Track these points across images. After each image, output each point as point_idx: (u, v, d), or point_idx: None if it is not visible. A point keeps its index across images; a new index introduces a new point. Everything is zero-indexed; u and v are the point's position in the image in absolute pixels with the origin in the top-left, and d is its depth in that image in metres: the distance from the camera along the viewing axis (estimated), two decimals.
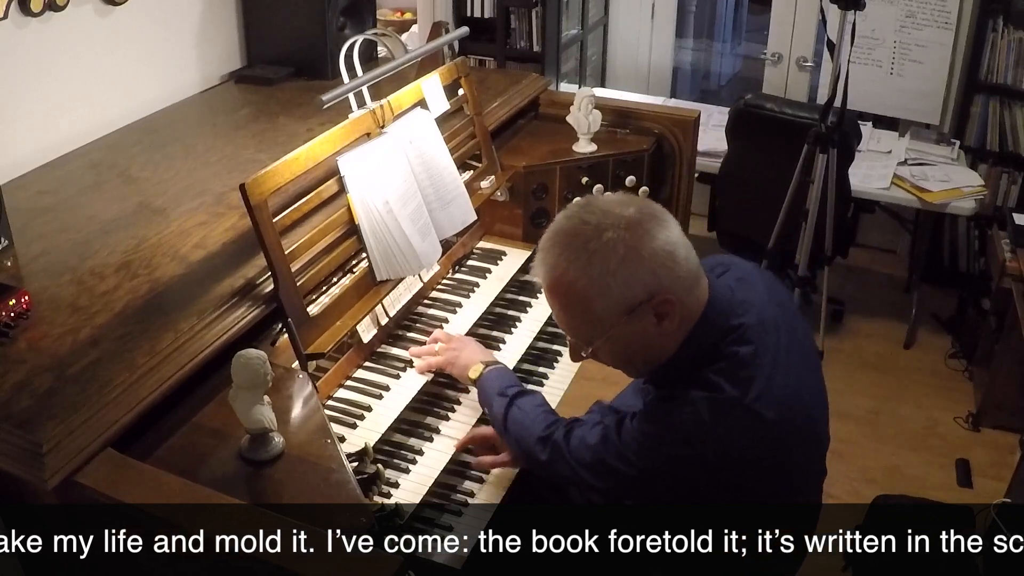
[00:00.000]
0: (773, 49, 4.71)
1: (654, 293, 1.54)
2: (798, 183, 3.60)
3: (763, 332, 1.63)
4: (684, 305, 1.58)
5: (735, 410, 1.57)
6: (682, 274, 1.57)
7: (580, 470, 1.73)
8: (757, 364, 1.59)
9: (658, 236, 1.55)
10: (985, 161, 4.31)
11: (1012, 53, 4.12)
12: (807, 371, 1.72)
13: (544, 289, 1.61)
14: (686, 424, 1.58)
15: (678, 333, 1.61)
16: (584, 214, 1.57)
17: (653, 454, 1.63)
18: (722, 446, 1.58)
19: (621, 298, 1.54)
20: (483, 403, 1.99)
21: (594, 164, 2.58)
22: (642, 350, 1.63)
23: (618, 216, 1.54)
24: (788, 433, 1.62)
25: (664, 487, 1.66)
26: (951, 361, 4.07)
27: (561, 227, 1.58)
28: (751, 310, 1.64)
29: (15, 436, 1.44)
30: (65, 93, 2.50)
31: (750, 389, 1.57)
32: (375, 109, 2.17)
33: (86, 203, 2.18)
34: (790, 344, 1.67)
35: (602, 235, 1.53)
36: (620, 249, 1.52)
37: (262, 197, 1.81)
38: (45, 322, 1.71)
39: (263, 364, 1.55)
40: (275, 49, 3.06)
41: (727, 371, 1.58)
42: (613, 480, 1.69)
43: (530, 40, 4.69)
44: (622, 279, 1.53)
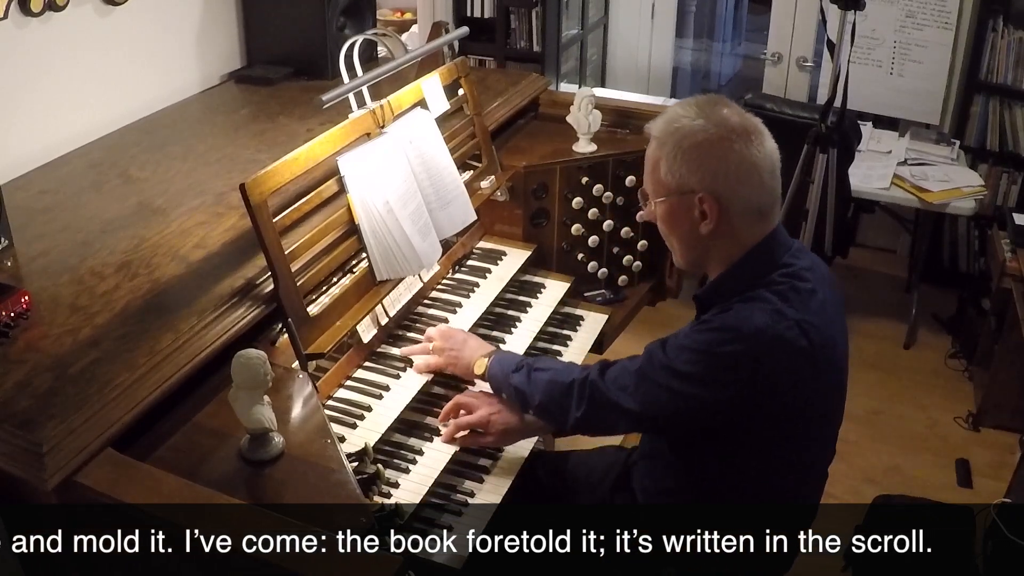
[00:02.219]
0: (773, 49, 4.71)
1: (705, 188, 1.67)
2: (798, 183, 3.60)
3: (816, 280, 1.72)
4: (730, 221, 1.69)
5: (783, 320, 1.64)
6: (744, 194, 1.69)
7: (620, 397, 1.76)
8: (810, 298, 1.68)
9: (738, 148, 1.67)
10: (985, 161, 4.31)
11: (1012, 53, 4.12)
12: (842, 335, 1.80)
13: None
14: (732, 321, 1.66)
15: (715, 244, 1.72)
16: (701, 102, 1.74)
17: (697, 357, 1.67)
18: (762, 349, 1.63)
19: (679, 175, 1.69)
20: (499, 390, 1.99)
21: (594, 164, 2.58)
22: (683, 236, 1.75)
23: (720, 116, 1.70)
24: (821, 370, 1.69)
25: (701, 402, 1.68)
26: (951, 361, 4.07)
27: (682, 101, 1.78)
28: (807, 259, 1.76)
29: (15, 436, 1.44)
30: (65, 93, 2.50)
31: (800, 311, 1.65)
32: (375, 109, 2.17)
33: (86, 203, 2.18)
34: (835, 307, 1.76)
35: (695, 120, 1.69)
36: (699, 136, 1.68)
37: (262, 197, 1.81)
38: (45, 322, 1.71)
39: (263, 364, 1.55)
40: (275, 49, 3.06)
41: (781, 292, 1.67)
42: (654, 398, 1.72)
43: (530, 40, 4.69)
44: (686, 160, 1.68)
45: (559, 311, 2.45)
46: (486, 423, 1.93)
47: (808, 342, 1.64)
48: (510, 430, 1.94)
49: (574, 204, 2.57)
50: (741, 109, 1.74)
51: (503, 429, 1.94)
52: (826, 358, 1.69)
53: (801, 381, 1.66)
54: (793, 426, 1.72)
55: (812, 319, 1.65)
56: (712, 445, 1.75)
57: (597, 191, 2.57)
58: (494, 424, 1.93)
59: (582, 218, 2.58)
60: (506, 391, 1.96)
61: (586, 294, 2.59)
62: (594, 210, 2.58)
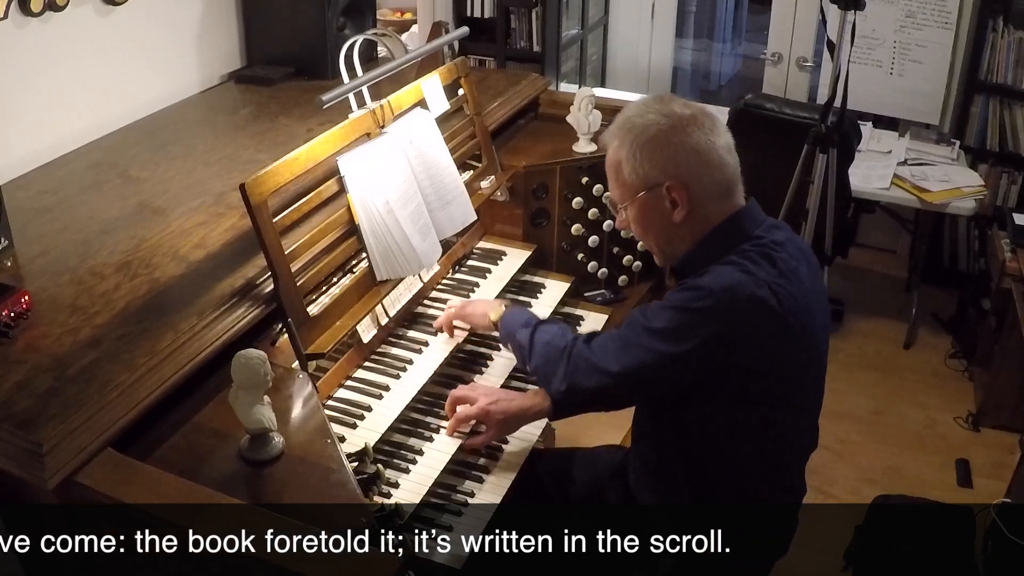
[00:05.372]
0: (773, 49, 4.71)
1: (671, 179, 1.72)
2: (798, 183, 3.60)
3: (791, 252, 1.75)
4: (700, 204, 1.74)
5: (754, 279, 1.67)
6: (707, 174, 1.73)
7: (602, 359, 1.79)
8: (782, 265, 1.71)
9: (695, 136, 1.72)
10: (985, 161, 4.31)
11: (1012, 53, 4.12)
12: (820, 308, 1.82)
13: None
14: (706, 281, 1.70)
15: (689, 228, 1.75)
16: (648, 100, 1.80)
17: (671, 315, 1.71)
18: (741, 306, 1.66)
19: (642, 171, 1.74)
20: (506, 340, 2.05)
21: (594, 164, 2.58)
22: (658, 231, 1.80)
23: (671, 110, 1.75)
24: (794, 334, 1.71)
25: (673, 358, 1.71)
26: (951, 361, 4.07)
27: (628, 106, 1.82)
28: (780, 234, 1.78)
29: (15, 436, 1.45)
30: (65, 93, 2.50)
31: (771, 274, 1.69)
32: (375, 109, 2.17)
33: (86, 203, 2.18)
34: (811, 280, 1.78)
35: (646, 116, 1.75)
36: (653, 130, 1.73)
37: (262, 197, 1.81)
38: (45, 322, 1.71)
39: (263, 364, 1.55)
40: (275, 49, 3.06)
41: (751, 257, 1.71)
42: (637, 360, 1.75)
43: (530, 40, 4.69)
44: (646, 154, 1.73)
45: (559, 311, 2.45)
46: (485, 414, 1.94)
47: (778, 302, 1.67)
48: (509, 418, 1.95)
49: (574, 204, 2.57)
50: (688, 101, 1.80)
51: (502, 419, 1.94)
52: (800, 325, 1.72)
53: (770, 339, 1.69)
54: (765, 387, 1.73)
55: (783, 283, 1.69)
56: (690, 410, 1.78)
57: (597, 191, 2.57)
58: (493, 415, 1.93)
59: (582, 218, 2.59)
60: (512, 343, 2.02)
61: (586, 294, 2.59)
62: (594, 210, 2.58)
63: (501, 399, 1.97)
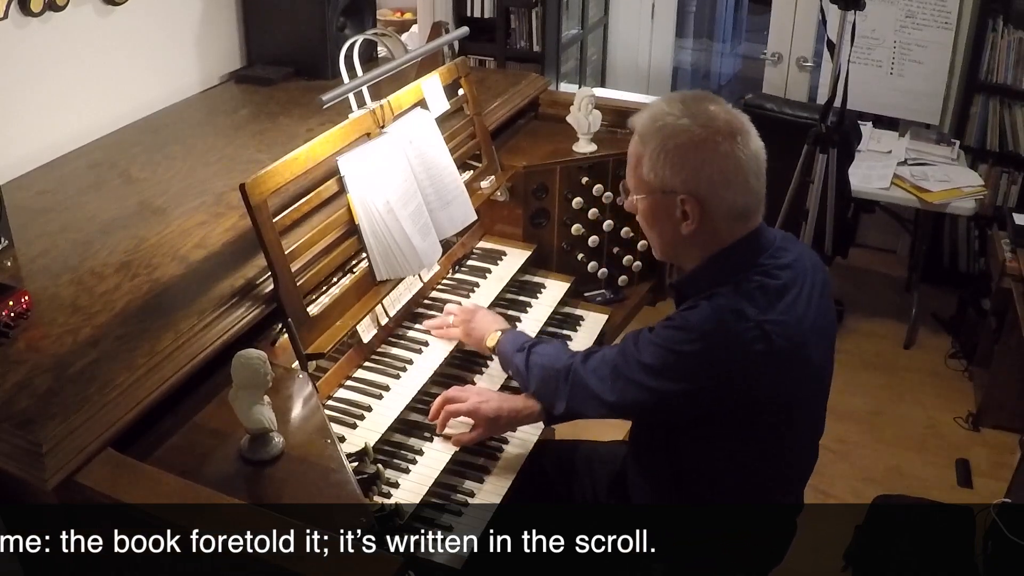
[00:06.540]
0: (773, 49, 4.71)
1: (688, 190, 1.65)
2: (798, 183, 3.60)
3: (796, 274, 1.70)
4: (711, 222, 1.67)
5: (742, 322, 1.63)
6: (728, 196, 1.66)
7: (599, 387, 1.79)
8: (777, 298, 1.66)
9: (724, 150, 1.64)
10: (985, 161, 4.31)
11: (1012, 53, 4.12)
12: (816, 332, 1.76)
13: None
14: (694, 320, 1.66)
15: (696, 243, 1.71)
16: (687, 98, 1.70)
17: (659, 352, 1.69)
18: (728, 352, 1.64)
19: (662, 174, 1.67)
20: (505, 365, 2.04)
21: (594, 164, 2.58)
22: (663, 233, 1.74)
23: (706, 115, 1.66)
24: (785, 370, 1.68)
25: (662, 395, 1.70)
26: (951, 361, 4.07)
27: (666, 96, 1.74)
28: (788, 255, 1.73)
29: (15, 436, 1.44)
30: (65, 93, 2.50)
31: (765, 311, 1.64)
32: (375, 109, 2.17)
33: (86, 203, 2.18)
34: (816, 300, 1.73)
35: (680, 120, 1.66)
36: (683, 137, 1.65)
37: (262, 197, 1.81)
38: (45, 322, 1.71)
39: (263, 364, 1.55)
40: (275, 49, 3.06)
41: (747, 291, 1.66)
42: (630, 395, 1.74)
43: (530, 40, 4.69)
44: (670, 161, 1.66)
45: (559, 311, 2.45)
46: (474, 411, 1.94)
47: (768, 344, 1.63)
48: (500, 418, 1.95)
49: (574, 204, 2.57)
50: (729, 106, 1.71)
51: (493, 417, 1.94)
52: (796, 357, 1.68)
53: (762, 377, 1.66)
54: (757, 421, 1.72)
55: (777, 319, 1.65)
56: (685, 434, 1.78)
57: (597, 191, 2.57)
58: (482, 412, 1.93)
59: (582, 218, 2.58)
60: (511, 368, 2.01)
61: (586, 294, 2.59)
62: (594, 210, 2.58)
63: (493, 399, 1.97)
